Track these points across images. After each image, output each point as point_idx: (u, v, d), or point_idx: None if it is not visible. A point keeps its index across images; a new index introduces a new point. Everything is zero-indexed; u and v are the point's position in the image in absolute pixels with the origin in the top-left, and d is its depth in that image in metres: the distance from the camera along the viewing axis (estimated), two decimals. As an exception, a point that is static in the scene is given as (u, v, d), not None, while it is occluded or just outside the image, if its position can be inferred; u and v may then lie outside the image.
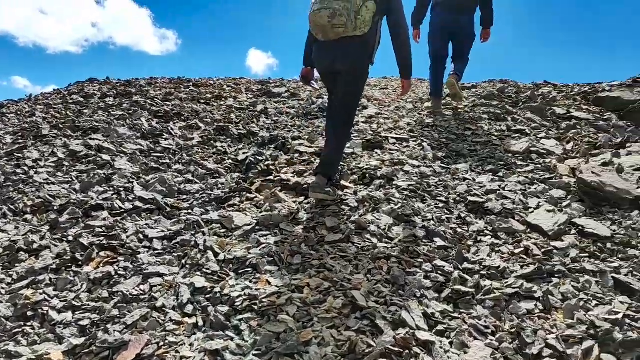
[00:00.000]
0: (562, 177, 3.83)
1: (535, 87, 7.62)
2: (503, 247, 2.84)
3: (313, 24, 3.31)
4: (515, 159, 4.26)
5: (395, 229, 3.04)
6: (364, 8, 3.19)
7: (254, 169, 4.10)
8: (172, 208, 3.38)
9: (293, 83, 7.58)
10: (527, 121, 5.49)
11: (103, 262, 2.69)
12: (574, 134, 4.96)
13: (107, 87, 6.35)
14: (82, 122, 4.89)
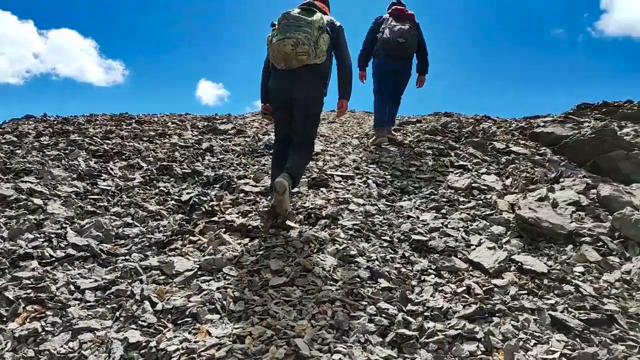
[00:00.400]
0: (502, 213, 3.94)
1: (477, 122, 7.93)
2: (446, 287, 2.86)
3: (277, 53, 3.58)
4: (458, 195, 4.36)
5: (340, 270, 3.01)
6: (321, 39, 3.61)
7: (197, 210, 4.00)
8: (107, 255, 3.22)
9: (239, 119, 7.55)
10: (469, 156, 5.67)
11: (30, 318, 2.51)
12: (513, 168, 5.15)
13: (43, 125, 6.10)
14: (13, 163, 4.64)
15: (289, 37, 3.52)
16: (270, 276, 2.94)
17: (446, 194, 4.35)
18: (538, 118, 8.86)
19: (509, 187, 4.63)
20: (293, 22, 3.59)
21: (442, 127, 7.14)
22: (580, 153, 5.91)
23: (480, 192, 4.44)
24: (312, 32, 3.56)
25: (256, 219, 3.74)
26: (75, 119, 6.76)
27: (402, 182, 4.72)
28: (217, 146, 5.74)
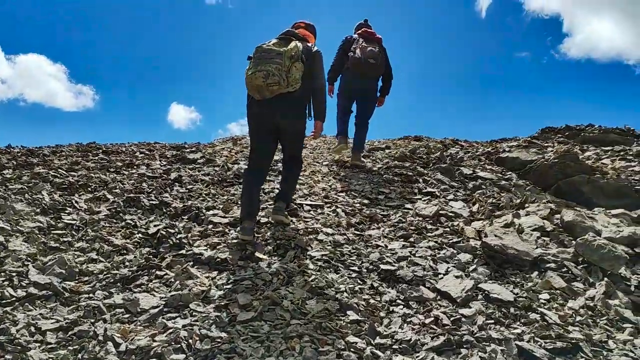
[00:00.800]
0: (469, 240, 4.00)
1: (444, 148, 8.08)
2: (414, 317, 2.87)
3: (250, 86, 3.81)
4: (426, 222, 4.41)
5: (309, 302, 3.00)
6: (293, 68, 3.79)
7: (165, 243, 3.94)
8: (70, 293, 3.13)
9: (209, 148, 7.52)
10: (437, 182, 5.75)
11: (-15, 364, 2.41)
12: (480, 194, 5.25)
13: (6, 158, 5.94)
14: (-26, 197, 4.50)
15: (260, 69, 3.70)
16: (238, 311, 2.91)
17: (414, 222, 4.40)
18: (504, 142, 9.10)
19: (475, 214, 4.71)
20: (264, 55, 3.78)
21: (410, 153, 7.26)
22: (545, 177, 6.08)
23: (448, 219, 4.50)
24: (282, 62, 3.74)
25: (225, 251, 3.71)
26: (40, 151, 6.61)
27: (370, 210, 4.76)
28: (186, 176, 5.69)
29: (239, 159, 6.56)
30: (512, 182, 5.92)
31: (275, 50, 3.80)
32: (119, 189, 5.09)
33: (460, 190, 5.54)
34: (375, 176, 6.06)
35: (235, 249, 3.74)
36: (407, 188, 5.57)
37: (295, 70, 3.78)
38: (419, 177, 5.97)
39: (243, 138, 9.49)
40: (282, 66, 3.73)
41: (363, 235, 4.13)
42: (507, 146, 7.66)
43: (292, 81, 3.78)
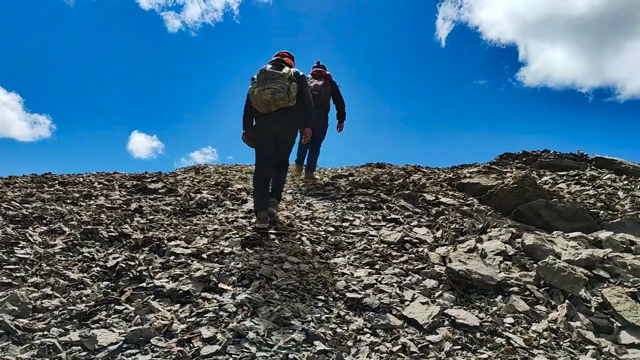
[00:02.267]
0: (434, 266, 4.03)
1: (407, 174, 8.21)
2: (382, 346, 2.85)
3: (259, 101, 4.73)
4: (391, 249, 4.43)
5: (274, 334, 2.93)
6: (291, 87, 4.75)
7: (125, 276, 3.80)
8: (24, 331, 2.96)
9: (170, 177, 7.40)
10: (400, 209, 5.81)
11: None
12: (443, 220, 5.33)
13: (-44, 189, 5.68)
14: None
15: (268, 87, 4.66)
16: (202, 345, 2.82)
17: (379, 249, 4.42)
18: (465, 168, 9.33)
19: (439, 239, 4.77)
20: (269, 76, 4.73)
21: (373, 180, 7.33)
22: (505, 202, 6.24)
23: (413, 246, 4.54)
24: (284, 82, 4.70)
25: (187, 283, 3.61)
26: (-8, 182, 6.36)
27: (335, 237, 4.75)
28: (147, 206, 5.56)
29: (201, 187, 6.48)
30: (473, 208, 6.05)
31: (277, 72, 4.74)
32: (76, 220, 4.92)
33: (424, 216, 5.61)
34: (339, 203, 6.08)
35: (197, 280, 3.65)
36: (372, 215, 5.60)
37: (292, 89, 4.74)
38: (383, 204, 6.02)
39: (205, 167, 9.40)
40: (284, 86, 4.68)
41: (329, 263, 4.11)
42: (467, 172, 7.85)
43: (291, 98, 4.74)
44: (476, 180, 7.12)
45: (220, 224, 5.03)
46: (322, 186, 7.17)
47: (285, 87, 4.69)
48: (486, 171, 8.15)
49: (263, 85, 4.68)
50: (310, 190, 6.82)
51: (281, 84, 4.68)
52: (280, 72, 4.75)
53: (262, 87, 4.67)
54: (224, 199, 5.98)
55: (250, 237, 4.53)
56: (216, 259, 4.11)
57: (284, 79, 4.71)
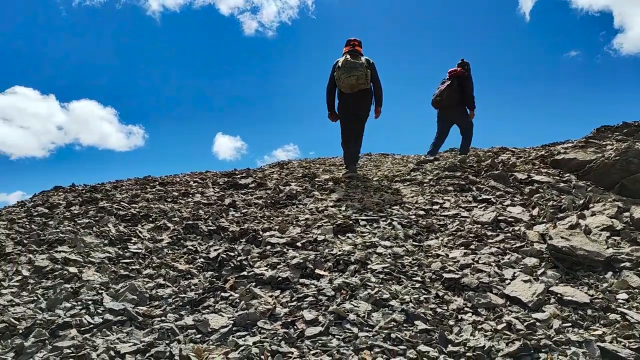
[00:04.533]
0: (533, 244, 3.88)
1: (495, 155, 7.91)
2: (485, 324, 2.80)
3: (346, 85, 6.30)
4: (485, 229, 4.32)
5: (374, 315, 2.98)
6: (367, 73, 6.30)
7: (226, 266, 4.02)
8: (144, 317, 3.24)
9: (259, 172, 7.67)
10: (491, 189, 5.64)
11: (71, 387, 2.52)
12: (538, 198, 5.10)
13: (72, 195, 6.27)
14: (47, 234, 4.76)
15: (352, 74, 6.18)
16: (305, 327, 2.93)
17: (473, 230, 4.32)
18: (557, 145, 8.83)
19: (536, 217, 4.58)
20: (352, 65, 6.21)
21: (460, 163, 7.15)
22: (606, 177, 5.84)
23: (508, 225, 4.39)
24: (363, 70, 6.22)
25: (285, 270, 3.75)
26: (103, 186, 6.94)
27: (426, 220, 4.71)
28: (240, 201, 5.82)
29: (289, 180, 6.66)
30: (571, 184, 5.72)
31: (357, 62, 6.23)
32: (178, 217, 5.26)
33: (516, 195, 5.40)
34: (427, 187, 6.01)
35: (294, 268, 3.77)
36: (461, 197, 5.48)
37: (368, 74, 6.25)
38: (472, 186, 5.87)
39: (289, 162, 9.63)
40: (364, 72, 6.19)
41: (422, 245, 4.09)
42: (561, 148, 7.43)
43: (368, 82, 6.28)
44: (572, 155, 6.71)
45: (311, 214, 5.16)
46: (407, 172, 7.12)
47: (364, 74, 6.20)
48: (583, 145, 7.65)
49: (348, 72, 6.16)
50: (397, 176, 6.79)
51: (361, 71, 6.18)
52: (360, 62, 6.23)
53: (348, 74, 6.16)
54: (312, 190, 6.11)
55: (342, 224, 4.61)
56: (310, 246, 4.23)
57: (363, 67, 6.21)
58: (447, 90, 8.58)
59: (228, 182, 6.87)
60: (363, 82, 6.19)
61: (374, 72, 6.43)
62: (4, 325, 3.14)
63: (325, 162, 9.63)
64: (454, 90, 8.59)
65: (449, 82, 8.64)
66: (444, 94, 8.60)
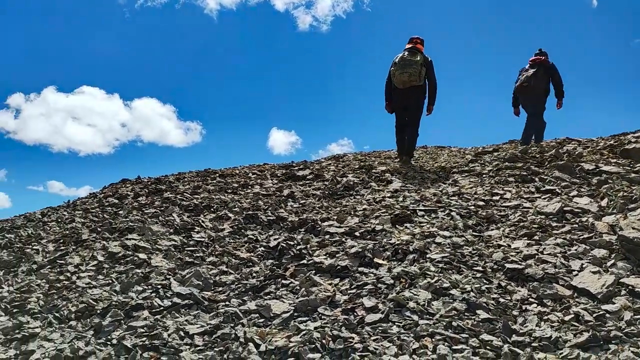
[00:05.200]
0: (602, 235, 3.72)
1: (559, 145, 7.61)
2: (551, 315, 2.73)
3: (399, 80, 6.74)
4: (550, 220, 4.18)
5: (434, 303, 2.97)
6: (422, 71, 6.67)
7: (286, 255, 4.11)
8: (209, 301, 3.38)
9: (316, 165, 7.75)
10: (555, 180, 5.44)
11: (146, 364, 2.67)
12: (607, 189, 4.87)
13: (139, 187, 6.58)
14: (118, 223, 5.04)
15: (405, 71, 6.63)
16: (365, 313, 2.96)
17: (536, 220, 4.19)
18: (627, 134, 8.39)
19: (605, 209, 4.37)
20: (407, 63, 6.66)
21: (522, 154, 6.93)
22: (681, 166, 5.49)
23: (574, 216, 4.23)
24: (417, 67, 6.60)
25: (344, 259, 3.79)
26: (166, 178, 7.24)
27: (486, 211, 4.61)
28: (298, 192, 5.92)
29: (346, 172, 6.70)
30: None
31: (412, 59, 6.65)
32: (238, 207, 5.41)
33: (583, 186, 5.18)
34: (486, 178, 5.88)
35: (353, 256, 3.80)
36: (523, 188, 5.32)
37: (422, 72, 6.62)
38: (535, 176, 5.68)
39: (344, 156, 9.66)
40: (417, 69, 6.57)
41: (482, 236, 4.01)
42: (632, 137, 7.05)
43: (420, 78, 6.63)
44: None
45: (369, 204, 5.17)
46: (465, 163, 6.98)
47: (418, 71, 6.60)
48: (655, 134, 7.23)
49: (402, 69, 6.63)
50: (454, 167, 6.68)
51: (415, 68, 6.60)
52: (415, 59, 6.65)
53: (402, 70, 6.63)
54: (369, 181, 6.12)
55: (400, 214, 4.60)
56: (368, 236, 4.25)
57: (417, 65, 6.62)
58: (533, 77, 8.44)
59: (286, 174, 7.00)
60: (415, 79, 6.58)
61: (429, 71, 6.76)
62: (83, 306, 3.37)
63: (381, 154, 9.59)
64: (540, 77, 8.44)
65: (535, 69, 8.47)
66: (531, 81, 8.43)
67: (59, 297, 3.66)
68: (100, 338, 3.01)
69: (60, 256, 4.45)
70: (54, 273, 4.11)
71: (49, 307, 3.53)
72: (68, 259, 4.34)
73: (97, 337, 3.03)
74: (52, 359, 2.83)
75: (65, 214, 5.97)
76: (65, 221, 5.63)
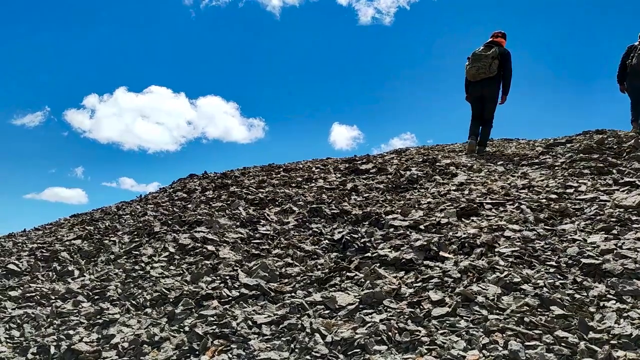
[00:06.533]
0: (688, 229, 3.47)
1: (639, 135, 7.15)
2: (632, 312, 2.58)
3: (469, 73, 7.24)
4: (629, 214, 3.94)
5: (504, 298, 2.89)
6: (493, 64, 7.01)
7: (350, 247, 4.13)
8: (276, 292, 3.46)
9: (379, 158, 7.70)
10: (635, 172, 5.12)
11: (218, 351, 2.78)
12: (694, 180, 4.54)
13: (206, 181, 6.82)
14: (187, 216, 5.25)
15: (474, 65, 7.11)
16: (431, 307, 2.92)
17: (615, 214, 3.96)
18: None
19: (692, 201, 4.07)
20: (477, 57, 7.09)
21: (597, 145, 6.56)
22: None
23: (657, 209, 3.97)
24: (487, 61, 6.99)
25: (409, 252, 3.75)
26: (232, 173, 7.46)
27: (559, 204, 4.40)
28: (361, 185, 5.92)
29: (410, 165, 6.62)
30: None
31: (483, 54, 7.04)
32: (302, 201, 5.48)
33: (666, 177, 4.85)
34: (559, 171, 5.62)
35: (418, 249, 3.76)
36: (599, 180, 5.04)
37: (494, 65, 6.98)
38: (612, 168, 5.37)
39: (407, 150, 9.54)
40: (486, 63, 6.97)
41: (555, 230, 3.84)
42: None
43: (492, 71, 6.99)
44: None
45: (433, 197, 5.09)
46: (536, 155, 6.70)
47: (487, 64, 6.99)
48: None
49: (472, 63, 7.13)
50: (523, 159, 6.43)
51: (485, 62, 7.00)
52: (486, 53, 7.02)
53: (472, 64, 7.14)
54: (434, 174, 6.01)
55: (466, 207, 4.49)
56: (434, 229, 4.18)
57: (488, 58, 6.99)
58: None
59: (349, 168, 7.00)
60: (483, 72, 7.00)
61: (505, 63, 7.06)
62: (157, 294, 3.55)
63: (444, 148, 9.39)
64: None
65: None
66: None
67: (135, 285, 3.88)
68: (174, 325, 3.16)
69: (134, 247, 4.70)
70: (130, 263, 4.35)
71: (126, 294, 3.74)
72: (142, 250, 4.58)
73: (170, 324, 3.19)
74: (130, 344, 3.00)
75: (138, 208, 6.29)
76: (138, 214, 5.94)
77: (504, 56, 7.09)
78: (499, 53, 7.02)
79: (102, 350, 3.02)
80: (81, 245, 5.08)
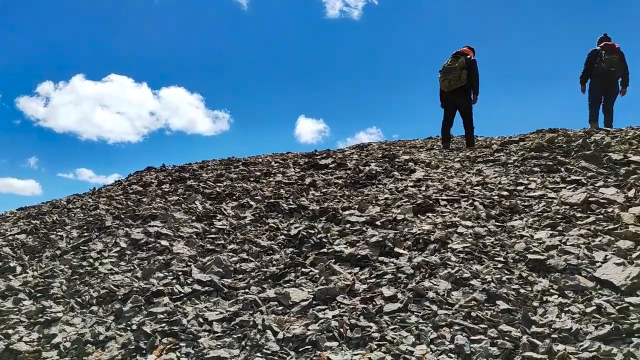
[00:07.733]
0: (628, 227, 3.64)
1: (587, 134, 7.43)
2: (572, 307, 2.69)
3: (443, 86, 7.77)
4: (574, 211, 4.10)
5: (454, 294, 2.96)
6: (462, 74, 7.58)
7: (307, 243, 4.13)
8: (229, 289, 3.43)
9: (339, 153, 7.73)
10: (582, 170, 5.32)
11: (166, 350, 2.74)
12: (635, 179, 4.75)
13: (163, 174, 6.69)
14: (141, 210, 5.14)
15: (446, 78, 7.69)
16: (384, 303, 2.96)
17: (560, 211, 4.11)
18: (658, 123, 8.12)
19: (632, 199, 4.27)
20: (447, 70, 7.68)
21: (548, 144, 6.78)
22: None
23: (599, 206, 4.13)
24: (456, 72, 7.59)
25: (364, 248, 3.79)
26: (190, 166, 7.34)
27: (510, 201, 4.54)
28: (320, 181, 5.93)
29: (369, 160, 6.67)
30: (674, 164, 5.26)
31: (452, 66, 7.63)
32: (260, 195, 5.45)
33: (610, 176, 5.06)
34: (511, 168, 5.78)
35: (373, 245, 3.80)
36: (548, 178, 5.22)
37: (463, 75, 7.57)
38: (561, 166, 5.56)
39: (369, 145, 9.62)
40: (456, 75, 7.56)
41: (505, 226, 3.96)
42: (663, 126, 6.83)
43: (462, 80, 7.57)
44: (676, 133, 6.15)
45: (391, 193, 5.15)
46: (491, 153, 6.88)
47: (457, 76, 7.58)
48: (688, 123, 6.99)
49: (444, 76, 7.71)
50: (479, 157, 6.59)
51: (455, 74, 7.59)
52: (455, 65, 7.62)
53: (443, 77, 7.72)
54: (392, 170, 6.08)
55: (422, 203, 4.57)
56: (389, 225, 4.23)
57: (457, 70, 7.58)
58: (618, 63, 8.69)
59: (308, 163, 7.00)
60: (455, 83, 7.60)
61: (470, 70, 7.66)
62: (105, 291, 3.46)
63: (406, 144, 9.53)
64: (621, 64, 8.73)
65: (617, 56, 8.73)
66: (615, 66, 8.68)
67: (82, 282, 3.77)
68: (121, 323, 3.09)
69: (83, 242, 4.57)
70: (77, 259, 4.23)
71: (72, 292, 3.63)
72: (91, 245, 4.45)
73: (117, 322, 3.12)
74: (73, 343, 2.92)
75: (89, 201, 6.11)
76: (89, 208, 5.76)
77: (471, 63, 7.74)
78: (465, 62, 7.67)
79: (43, 350, 2.93)
80: (25, 240, 4.89)
